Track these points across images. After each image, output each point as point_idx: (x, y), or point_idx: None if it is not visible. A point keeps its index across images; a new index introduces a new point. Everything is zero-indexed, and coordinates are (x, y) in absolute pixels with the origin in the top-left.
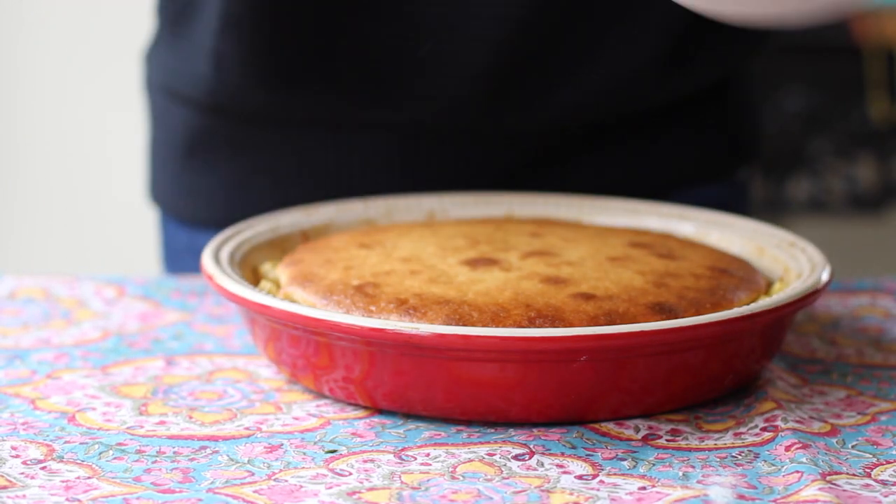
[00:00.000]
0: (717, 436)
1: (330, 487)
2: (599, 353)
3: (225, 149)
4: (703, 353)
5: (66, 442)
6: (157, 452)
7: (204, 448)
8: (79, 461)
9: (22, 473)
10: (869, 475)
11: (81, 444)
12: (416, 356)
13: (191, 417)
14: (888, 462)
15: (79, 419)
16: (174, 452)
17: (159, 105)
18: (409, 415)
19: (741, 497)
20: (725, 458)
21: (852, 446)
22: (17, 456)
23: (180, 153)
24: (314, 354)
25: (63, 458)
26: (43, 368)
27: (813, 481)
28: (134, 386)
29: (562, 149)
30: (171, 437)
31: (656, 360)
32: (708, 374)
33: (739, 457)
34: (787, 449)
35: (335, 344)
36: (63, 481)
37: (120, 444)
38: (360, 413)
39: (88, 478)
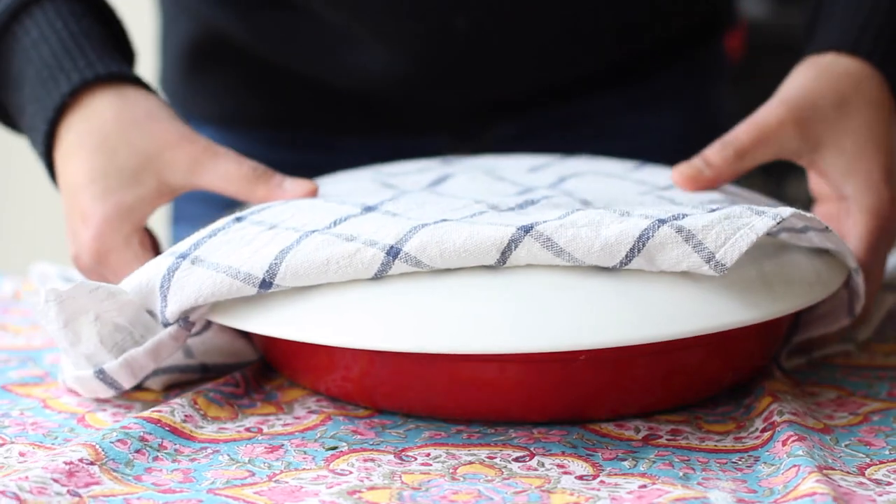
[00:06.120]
0: (717, 437)
1: (331, 487)
2: (598, 353)
3: (228, 52)
4: (701, 352)
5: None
6: (158, 446)
7: (204, 448)
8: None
9: None
10: (863, 474)
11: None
12: (415, 357)
13: (194, 417)
14: (881, 462)
15: (88, 420)
16: (175, 450)
17: (169, 12)
18: (410, 415)
19: (741, 501)
20: (726, 463)
21: (845, 446)
22: (25, 462)
23: (188, 55)
24: (313, 356)
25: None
26: (56, 370)
27: (810, 473)
28: (145, 390)
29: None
30: (174, 433)
31: (655, 359)
32: (707, 374)
33: (740, 462)
34: (784, 443)
35: (334, 347)
36: (66, 471)
37: (122, 439)
38: (361, 412)
39: (90, 463)
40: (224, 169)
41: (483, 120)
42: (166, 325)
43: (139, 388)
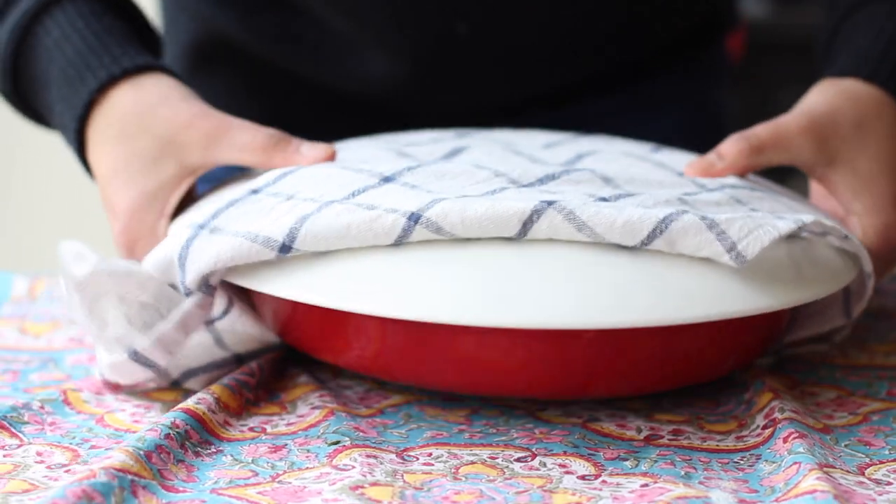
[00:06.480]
0: (719, 437)
1: (333, 483)
2: (605, 331)
3: (229, 54)
4: (709, 334)
5: (91, 447)
6: (171, 424)
7: (208, 447)
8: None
9: (46, 477)
10: (863, 473)
11: (107, 449)
12: (420, 325)
13: (206, 399)
14: (881, 462)
15: (107, 420)
16: (185, 432)
17: (170, 12)
18: (411, 415)
19: (742, 501)
20: (727, 463)
21: (845, 445)
22: (42, 461)
23: (189, 57)
24: (325, 322)
25: (88, 462)
26: (77, 373)
27: (811, 470)
28: (165, 390)
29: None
30: (185, 412)
31: (660, 337)
32: (710, 356)
33: (741, 461)
34: (786, 440)
35: (348, 312)
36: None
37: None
38: (363, 411)
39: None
40: (240, 140)
41: (484, 123)
42: (188, 294)
43: (159, 388)
